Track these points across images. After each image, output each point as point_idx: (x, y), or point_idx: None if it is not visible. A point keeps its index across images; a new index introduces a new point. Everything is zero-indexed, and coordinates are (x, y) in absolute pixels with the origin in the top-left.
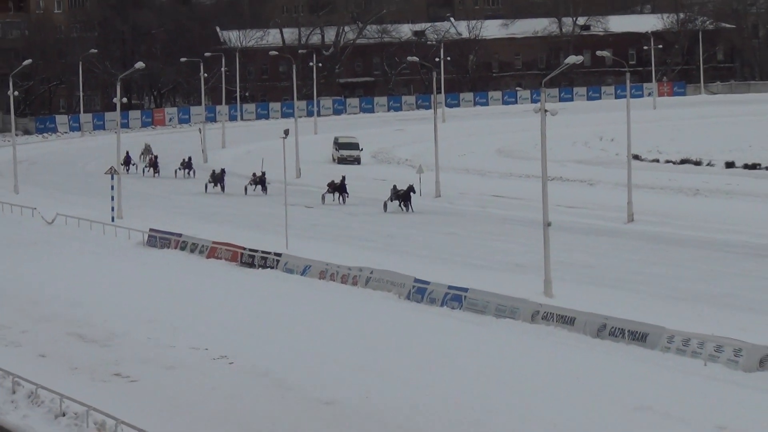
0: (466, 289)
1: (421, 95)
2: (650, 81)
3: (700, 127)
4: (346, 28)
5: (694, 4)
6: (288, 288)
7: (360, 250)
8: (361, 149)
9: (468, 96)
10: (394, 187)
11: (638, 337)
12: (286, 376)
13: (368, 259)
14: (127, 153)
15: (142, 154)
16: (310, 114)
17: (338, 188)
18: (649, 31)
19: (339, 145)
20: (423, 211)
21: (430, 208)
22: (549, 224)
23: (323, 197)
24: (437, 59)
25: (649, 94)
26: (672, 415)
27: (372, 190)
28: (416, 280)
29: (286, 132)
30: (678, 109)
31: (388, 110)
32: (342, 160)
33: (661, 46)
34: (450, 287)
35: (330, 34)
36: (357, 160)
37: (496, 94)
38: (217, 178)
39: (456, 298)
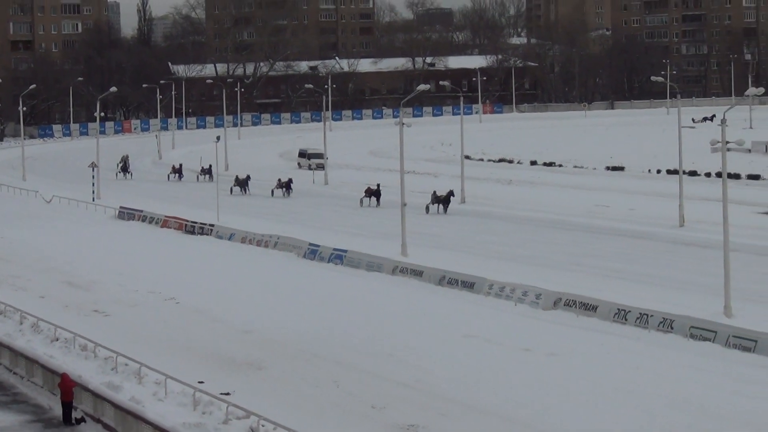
0: (345, 251)
1: (314, 112)
2: (477, 103)
3: (512, 136)
4: (261, 64)
5: (508, 47)
6: (218, 249)
7: (271, 222)
8: (326, 158)
9: (348, 113)
10: (434, 192)
11: (468, 285)
12: (217, 312)
13: (276, 229)
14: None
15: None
16: (235, 125)
17: (374, 193)
18: (477, 68)
19: (309, 155)
20: (312, 195)
21: (319, 193)
22: (405, 204)
23: (361, 201)
24: (326, 86)
25: (477, 113)
26: (491, 340)
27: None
28: (310, 244)
29: (218, 138)
30: (497, 123)
31: (291, 123)
32: (314, 167)
33: (485, 78)
34: (335, 249)
35: (249, 68)
36: (323, 167)
37: (368, 112)
38: (242, 183)
39: (338, 257)
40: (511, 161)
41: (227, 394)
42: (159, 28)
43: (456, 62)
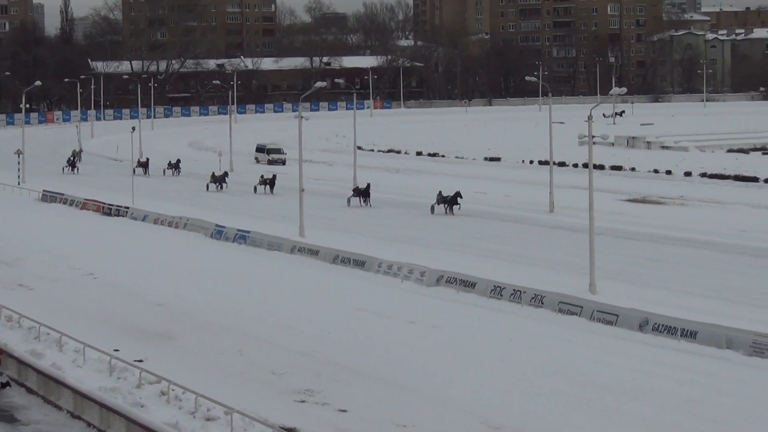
0: (249, 231)
1: (221, 106)
2: (368, 99)
3: (400, 129)
4: (173, 61)
5: (397, 49)
6: (133, 229)
7: (183, 206)
8: (285, 153)
9: (252, 107)
10: (440, 192)
11: (359, 263)
12: (132, 286)
13: (188, 212)
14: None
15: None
16: (149, 117)
17: (362, 193)
18: (368, 67)
19: (268, 150)
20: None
21: (228, 181)
22: (302, 190)
23: (349, 200)
24: (232, 83)
25: (368, 108)
26: (380, 313)
27: (193, 167)
28: (217, 225)
29: (133, 128)
30: (386, 117)
31: (200, 115)
32: (272, 162)
33: (376, 77)
34: (239, 230)
35: (162, 65)
36: (283, 162)
37: (270, 106)
38: (218, 179)
39: (242, 237)
40: (398, 152)
41: (140, 361)
42: (80, 28)
43: (350, 62)
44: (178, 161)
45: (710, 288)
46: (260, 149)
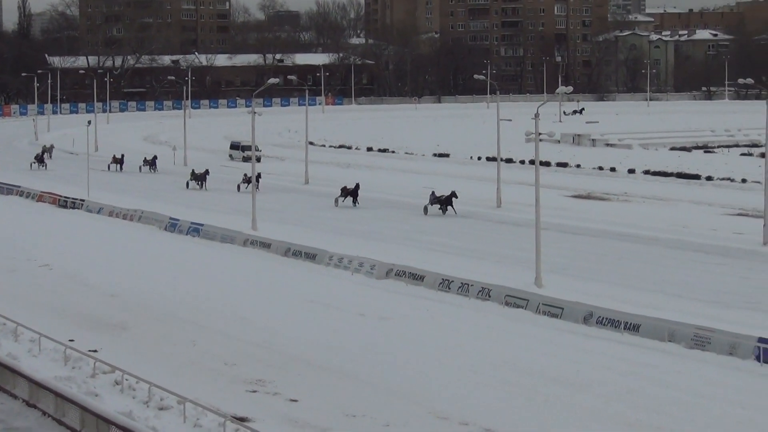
0: (202, 224)
1: (176, 101)
2: (320, 96)
3: (351, 126)
4: (129, 57)
5: (349, 47)
6: (88, 221)
7: (137, 198)
8: (261, 150)
9: (205, 102)
10: (433, 192)
11: (310, 256)
12: (87, 277)
13: (141, 205)
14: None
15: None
16: (104, 111)
17: (350, 193)
18: (321, 64)
19: (243, 147)
20: (173, 174)
21: (181, 173)
22: (256, 183)
23: (336, 200)
24: (186, 78)
25: (320, 104)
26: (331, 305)
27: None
28: (171, 218)
29: (89, 122)
30: (338, 113)
31: (155, 110)
32: (247, 159)
33: (327, 74)
34: (192, 223)
35: (118, 61)
36: (258, 159)
37: (224, 102)
38: (198, 177)
39: (196, 230)
40: (349, 147)
41: (95, 351)
42: (37, 24)
43: (302, 59)
44: (155, 158)
45: (652, 282)
46: (235, 146)
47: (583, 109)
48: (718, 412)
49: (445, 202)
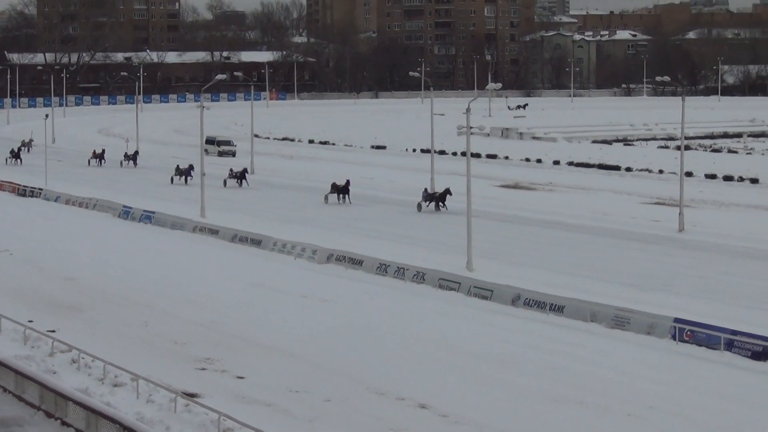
0: (154, 212)
1: (128, 95)
2: (265, 91)
3: (294, 119)
4: (84, 54)
5: (292, 45)
6: (45, 209)
7: (94, 189)
8: (236, 145)
9: (156, 97)
10: (425, 190)
11: (256, 242)
12: (45, 262)
13: (97, 194)
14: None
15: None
16: (61, 105)
17: (341, 189)
18: (265, 62)
19: (218, 143)
20: (126, 167)
21: (131, 166)
22: (204, 174)
23: (326, 197)
24: (138, 74)
25: (264, 99)
26: (275, 288)
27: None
28: (124, 206)
29: (47, 116)
30: (281, 108)
31: (108, 104)
32: (222, 153)
33: (272, 70)
34: (145, 210)
35: (74, 57)
36: (233, 154)
37: (174, 97)
38: (183, 173)
39: (148, 217)
40: (292, 140)
41: (53, 331)
42: None
43: (248, 56)
44: (136, 153)
45: (576, 266)
46: (210, 141)
47: (526, 104)
48: (637, 387)
49: (439, 198)
